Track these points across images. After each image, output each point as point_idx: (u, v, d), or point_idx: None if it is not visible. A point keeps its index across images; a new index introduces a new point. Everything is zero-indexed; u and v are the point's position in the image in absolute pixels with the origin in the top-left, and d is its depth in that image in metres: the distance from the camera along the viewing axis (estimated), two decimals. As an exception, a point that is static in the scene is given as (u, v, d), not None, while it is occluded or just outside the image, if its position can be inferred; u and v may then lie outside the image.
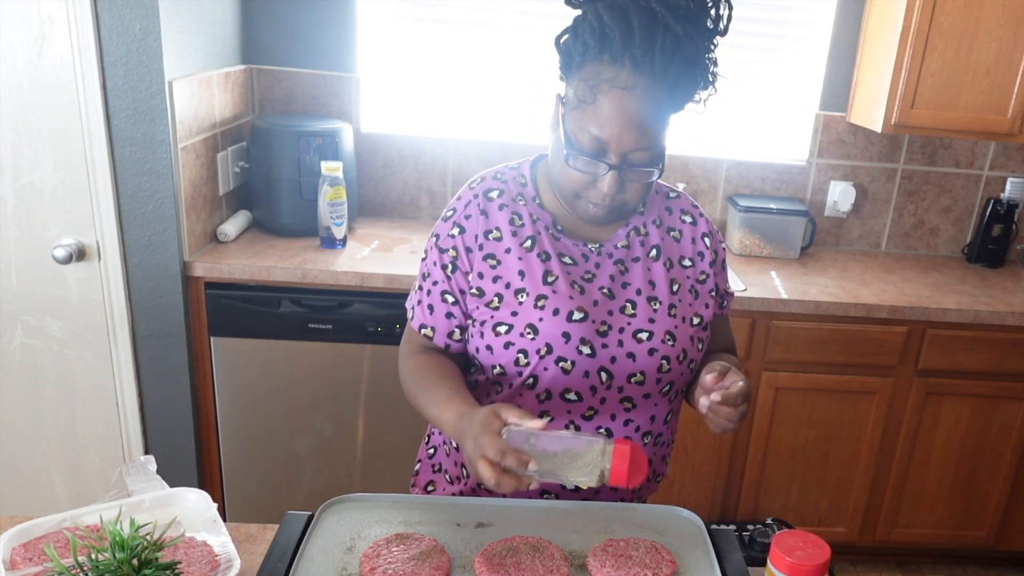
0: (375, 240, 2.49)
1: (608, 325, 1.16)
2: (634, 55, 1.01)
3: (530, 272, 1.16)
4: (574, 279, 1.17)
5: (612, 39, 1.02)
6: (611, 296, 1.18)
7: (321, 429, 2.34)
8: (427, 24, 2.61)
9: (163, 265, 2.12)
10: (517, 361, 1.15)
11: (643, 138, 1.05)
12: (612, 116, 1.04)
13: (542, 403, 1.17)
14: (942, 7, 2.29)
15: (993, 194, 2.83)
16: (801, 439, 2.48)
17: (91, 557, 0.84)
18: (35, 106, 1.95)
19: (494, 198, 1.20)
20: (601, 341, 1.15)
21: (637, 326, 1.17)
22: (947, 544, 2.66)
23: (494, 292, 1.16)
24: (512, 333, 1.15)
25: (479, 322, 1.18)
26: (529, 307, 1.15)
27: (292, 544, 1.02)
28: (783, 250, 2.70)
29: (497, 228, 1.18)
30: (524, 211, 1.19)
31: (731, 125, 2.78)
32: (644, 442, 1.22)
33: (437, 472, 1.34)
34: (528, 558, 1.00)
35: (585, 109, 1.05)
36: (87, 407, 2.24)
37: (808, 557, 0.92)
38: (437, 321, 1.21)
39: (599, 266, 1.19)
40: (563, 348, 1.13)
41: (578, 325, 1.14)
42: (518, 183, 1.22)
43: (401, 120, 2.71)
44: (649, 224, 1.23)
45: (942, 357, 2.40)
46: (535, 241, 1.18)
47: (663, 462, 1.31)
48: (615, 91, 1.03)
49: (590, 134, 1.05)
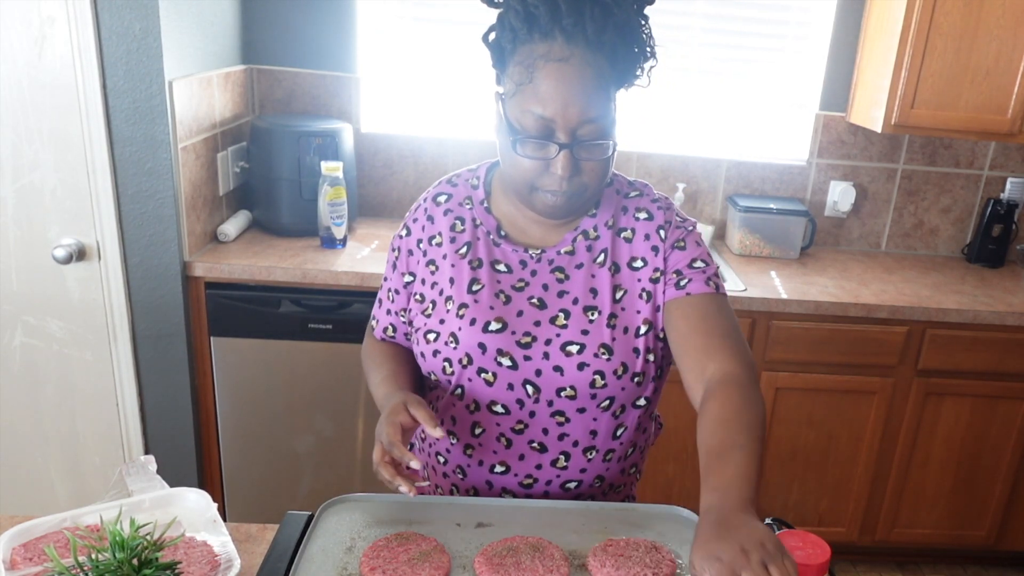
0: (375, 240, 2.49)
1: (532, 336, 1.11)
2: (564, 27, 0.99)
3: (458, 279, 1.15)
4: (502, 288, 1.14)
5: (538, 16, 0.99)
6: (541, 306, 1.13)
7: (321, 429, 2.34)
8: (427, 24, 2.61)
9: (163, 265, 2.12)
10: (444, 369, 1.14)
11: (588, 108, 1.00)
12: (553, 90, 0.99)
13: (472, 414, 1.15)
14: (942, 7, 2.29)
15: (993, 194, 2.83)
16: (801, 439, 2.48)
17: (91, 557, 0.84)
18: (35, 106, 1.95)
19: (441, 203, 1.20)
20: (523, 353, 1.11)
21: (567, 338, 1.11)
22: (947, 544, 2.66)
23: (430, 299, 1.18)
24: (439, 341, 1.14)
25: (416, 328, 1.19)
26: (453, 316, 1.13)
27: (292, 544, 1.02)
28: (783, 250, 2.70)
29: (439, 234, 1.19)
30: (468, 215, 1.18)
31: (731, 125, 2.78)
32: (588, 457, 1.17)
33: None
34: (528, 558, 1.00)
35: (524, 91, 1.01)
36: (87, 407, 2.24)
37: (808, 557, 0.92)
38: (380, 314, 1.28)
39: (535, 274, 1.14)
40: (481, 359, 1.11)
41: (495, 336, 1.11)
42: (469, 186, 1.20)
43: (401, 120, 2.71)
44: (601, 227, 1.16)
45: (942, 357, 2.40)
46: (470, 247, 1.16)
47: (623, 475, 1.23)
48: (551, 64, 0.99)
49: (534, 115, 1.01)
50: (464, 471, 1.20)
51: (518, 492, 1.19)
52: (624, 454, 1.21)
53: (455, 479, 1.21)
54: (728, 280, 2.42)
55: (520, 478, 1.17)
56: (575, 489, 1.19)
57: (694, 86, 2.71)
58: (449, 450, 1.20)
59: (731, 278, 2.43)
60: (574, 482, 1.19)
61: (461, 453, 1.19)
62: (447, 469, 1.22)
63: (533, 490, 1.18)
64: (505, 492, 1.19)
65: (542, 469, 1.17)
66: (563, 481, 1.18)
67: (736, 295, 2.30)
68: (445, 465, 1.22)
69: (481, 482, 1.19)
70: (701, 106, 2.75)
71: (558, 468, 1.17)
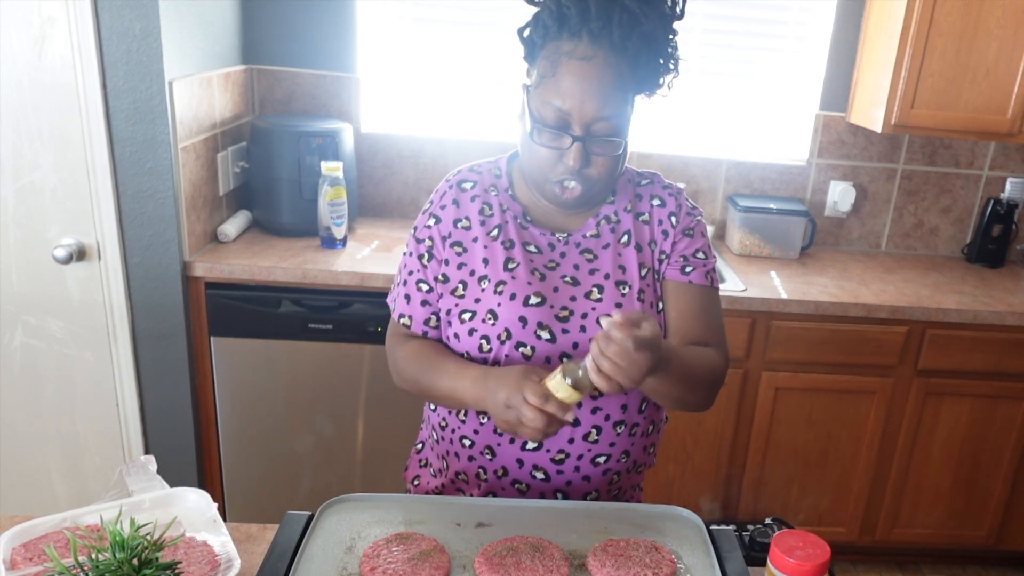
0: (375, 240, 2.49)
1: (569, 311, 1.17)
2: (591, 29, 1.06)
3: (493, 259, 1.19)
4: (536, 267, 1.19)
5: (569, 17, 1.07)
6: (575, 283, 1.19)
7: (321, 429, 2.34)
8: (427, 24, 2.61)
9: (163, 265, 2.12)
10: (481, 347, 1.17)
11: (604, 107, 1.08)
12: (573, 85, 1.07)
13: None
14: (942, 7, 2.29)
15: (993, 194, 2.83)
16: (801, 439, 2.48)
17: (91, 557, 0.84)
18: (35, 106, 1.95)
19: (467, 189, 1.24)
20: (561, 327, 1.16)
21: (603, 311, 1.17)
22: (947, 544, 2.66)
23: (459, 279, 1.20)
24: (475, 320, 1.17)
25: (446, 311, 1.21)
26: (490, 293, 1.17)
27: (292, 544, 1.02)
28: (783, 250, 2.70)
29: (467, 217, 1.22)
30: (495, 201, 1.23)
31: (731, 125, 2.78)
32: (617, 432, 1.21)
33: (423, 467, 1.37)
34: (528, 558, 1.00)
35: (547, 83, 1.09)
36: (87, 407, 2.24)
37: (808, 557, 0.92)
38: (414, 310, 1.24)
39: (564, 255, 1.21)
40: (521, 333, 1.15)
41: (535, 309, 1.16)
42: (493, 175, 1.26)
43: (401, 120, 2.71)
44: (620, 211, 1.24)
45: (942, 357, 2.40)
46: (501, 230, 1.21)
47: (645, 452, 1.29)
48: (574, 62, 1.07)
49: (553, 107, 1.08)
50: (493, 451, 1.21)
51: (549, 469, 1.20)
52: (647, 429, 1.26)
53: (483, 461, 1.22)
54: (728, 280, 2.42)
55: (552, 453, 1.19)
56: (604, 463, 1.22)
57: (694, 86, 2.71)
58: (478, 431, 1.21)
59: (731, 278, 2.43)
60: (604, 456, 1.21)
61: (492, 431, 1.20)
62: (473, 452, 1.22)
63: (564, 465, 1.20)
64: (536, 469, 1.21)
65: (574, 443, 1.19)
66: (593, 455, 1.21)
67: (736, 295, 2.30)
68: (471, 448, 1.22)
69: (511, 460, 1.21)
70: (701, 106, 2.75)
71: (589, 442, 1.20)
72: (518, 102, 1.17)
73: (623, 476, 1.26)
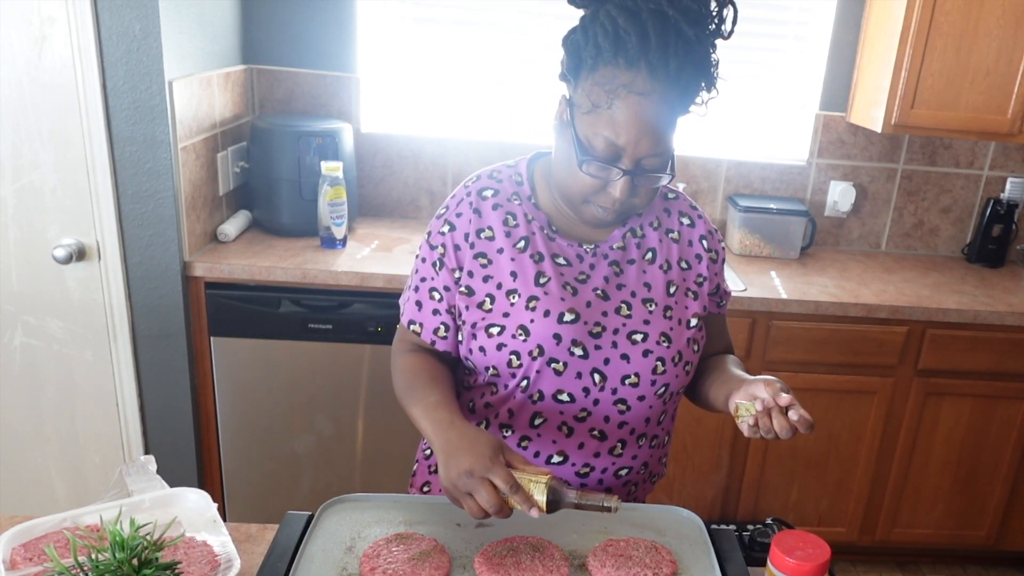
0: (375, 240, 2.49)
1: (602, 326, 1.15)
2: (650, 60, 1.00)
3: (522, 273, 1.16)
4: (567, 280, 1.16)
5: (627, 43, 1.00)
6: (605, 297, 1.17)
7: (321, 429, 2.34)
8: (427, 24, 2.61)
9: (163, 265, 2.12)
10: (510, 363, 1.14)
11: (658, 144, 1.05)
12: (630, 122, 1.03)
13: (535, 404, 1.16)
14: (942, 7, 2.29)
15: (993, 194, 2.83)
16: (801, 439, 2.47)
17: (91, 557, 0.84)
18: (35, 106, 1.95)
19: (488, 197, 1.19)
20: (594, 343, 1.15)
21: (632, 327, 1.16)
22: (947, 544, 2.66)
23: (485, 292, 1.16)
24: (504, 335, 1.14)
25: (470, 324, 1.17)
26: (521, 308, 1.14)
27: (292, 544, 1.02)
28: (783, 250, 2.70)
29: (490, 227, 1.17)
30: (519, 211, 1.19)
31: (731, 125, 2.78)
32: (639, 444, 1.21)
33: (433, 473, 1.33)
34: (528, 558, 1.00)
35: (600, 114, 1.04)
36: (87, 407, 2.24)
37: (808, 557, 0.92)
38: (424, 317, 1.21)
39: (593, 267, 1.18)
40: (555, 350, 1.13)
41: (569, 327, 1.13)
42: (514, 182, 1.21)
43: (401, 120, 2.71)
44: (646, 226, 1.23)
45: (942, 357, 2.40)
46: (528, 242, 1.17)
47: (659, 463, 1.30)
48: (633, 97, 1.02)
49: (605, 139, 1.04)
50: None
51: (573, 483, 1.20)
52: (663, 441, 1.28)
53: None
54: (728, 280, 2.41)
55: (578, 467, 1.19)
56: (626, 475, 1.22)
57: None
58: None
59: (731, 278, 2.43)
60: (626, 468, 1.22)
61: (515, 445, 1.19)
62: None
63: (588, 479, 1.20)
64: None
65: (600, 457, 1.19)
66: (617, 468, 1.21)
67: (736, 295, 2.30)
68: None
69: None
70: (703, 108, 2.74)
71: (614, 456, 1.20)
72: (556, 112, 1.12)
73: (639, 487, 1.27)
